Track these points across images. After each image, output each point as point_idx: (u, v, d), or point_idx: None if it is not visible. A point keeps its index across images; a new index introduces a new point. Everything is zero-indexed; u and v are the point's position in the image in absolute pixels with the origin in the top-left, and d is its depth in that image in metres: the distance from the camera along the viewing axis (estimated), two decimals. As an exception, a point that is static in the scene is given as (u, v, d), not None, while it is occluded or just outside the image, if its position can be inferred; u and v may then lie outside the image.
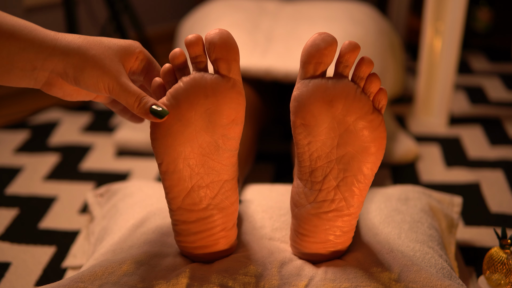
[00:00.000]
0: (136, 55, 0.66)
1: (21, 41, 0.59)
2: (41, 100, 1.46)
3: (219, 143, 0.65)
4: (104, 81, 0.62)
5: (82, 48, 0.61)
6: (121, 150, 1.22)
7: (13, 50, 0.59)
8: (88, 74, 0.61)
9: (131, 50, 0.65)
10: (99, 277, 0.67)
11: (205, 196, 0.67)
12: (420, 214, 0.81)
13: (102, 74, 0.61)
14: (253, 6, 1.30)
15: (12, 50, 0.59)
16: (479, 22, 1.75)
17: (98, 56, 0.62)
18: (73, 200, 1.05)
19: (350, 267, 0.69)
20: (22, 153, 1.22)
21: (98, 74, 0.61)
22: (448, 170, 1.13)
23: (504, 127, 1.29)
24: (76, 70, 0.61)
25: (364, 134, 0.65)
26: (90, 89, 0.62)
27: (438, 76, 1.27)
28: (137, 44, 0.66)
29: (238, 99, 0.64)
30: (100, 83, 0.62)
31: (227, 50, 0.62)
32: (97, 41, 0.63)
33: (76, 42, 0.61)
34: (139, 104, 0.63)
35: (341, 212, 0.67)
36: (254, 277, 0.68)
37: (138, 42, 0.66)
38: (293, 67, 1.07)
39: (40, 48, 0.60)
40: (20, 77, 0.61)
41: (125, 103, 0.63)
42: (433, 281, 0.67)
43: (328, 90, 0.64)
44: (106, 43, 0.63)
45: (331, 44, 0.63)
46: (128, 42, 0.65)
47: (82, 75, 0.61)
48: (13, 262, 0.88)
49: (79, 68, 0.61)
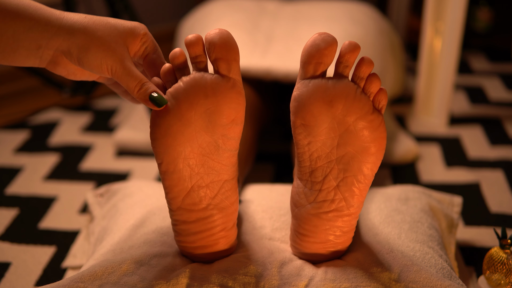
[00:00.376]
0: (141, 37, 0.65)
1: (26, 20, 0.59)
2: (41, 100, 1.46)
3: (219, 143, 0.65)
4: (108, 63, 0.62)
5: (87, 28, 0.61)
6: (121, 150, 1.22)
7: (18, 30, 0.59)
8: (92, 56, 0.61)
9: (137, 32, 0.64)
10: (99, 277, 0.67)
11: (205, 196, 0.67)
12: (420, 214, 0.81)
13: (106, 56, 0.61)
14: (253, 6, 1.30)
15: (17, 29, 0.59)
16: (479, 22, 1.75)
17: (103, 38, 0.61)
18: (73, 200, 1.05)
19: (350, 267, 0.69)
20: (22, 153, 1.22)
21: (102, 56, 0.61)
22: (448, 170, 1.13)
23: (504, 127, 1.29)
24: (81, 50, 0.61)
25: (364, 134, 0.65)
26: (93, 70, 0.62)
27: (438, 76, 1.27)
28: (143, 27, 0.65)
29: (238, 99, 0.64)
30: (103, 65, 0.62)
31: (227, 50, 0.62)
32: (103, 22, 0.62)
33: (81, 22, 0.61)
34: (139, 89, 0.63)
35: (341, 212, 0.67)
36: (254, 277, 0.68)
37: (144, 25, 0.66)
38: (293, 67, 1.07)
39: (46, 27, 0.60)
40: (25, 56, 0.61)
41: (126, 86, 0.63)
42: (433, 281, 0.67)
43: (328, 90, 0.64)
44: (112, 23, 0.63)
45: (331, 44, 0.63)
46: (134, 24, 0.65)
47: (86, 56, 0.61)
48: (13, 262, 0.88)
49: (84, 48, 0.61)
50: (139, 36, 0.65)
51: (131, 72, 0.62)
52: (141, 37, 0.65)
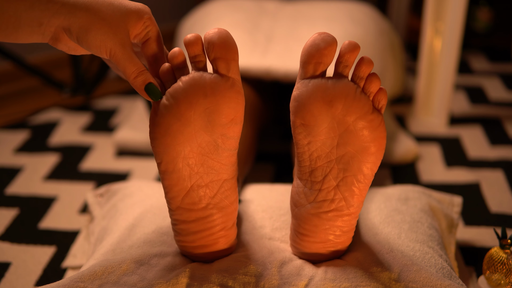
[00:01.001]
0: (144, 21, 0.64)
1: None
2: (41, 100, 1.46)
3: (219, 142, 0.65)
4: (107, 46, 0.61)
5: (90, 8, 0.61)
6: (121, 150, 1.22)
7: (20, 8, 0.59)
8: (92, 37, 0.61)
9: (140, 15, 0.63)
10: (99, 277, 0.68)
11: (204, 196, 0.67)
12: (420, 214, 0.81)
13: (106, 39, 0.61)
14: (253, 6, 1.30)
15: (19, 7, 0.59)
16: (479, 22, 1.75)
17: (105, 19, 0.61)
18: (73, 200, 1.05)
19: (350, 267, 0.69)
20: (22, 153, 1.22)
21: (102, 38, 0.61)
22: (448, 170, 1.13)
23: (504, 127, 1.29)
24: (81, 30, 0.60)
25: (364, 134, 0.65)
26: (92, 50, 0.62)
27: (438, 76, 1.27)
28: (147, 10, 0.64)
29: (237, 99, 0.64)
30: (102, 47, 0.61)
31: (226, 49, 0.62)
32: (106, 1, 0.62)
33: (84, 0, 0.61)
34: (136, 76, 0.63)
35: (341, 212, 0.67)
36: (254, 276, 0.68)
37: (148, 8, 0.65)
38: (293, 67, 1.07)
39: (47, 5, 0.59)
40: (28, 34, 0.61)
41: (123, 70, 0.63)
42: (433, 281, 0.67)
43: (328, 90, 0.64)
44: (116, 4, 0.62)
45: (331, 44, 0.63)
46: (138, 7, 0.64)
47: (86, 36, 0.61)
48: (13, 262, 0.88)
49: (84, 29, 0.60)
50: (142, 19, 0.64)
51: (131, 57, 0.62)
52: (144, 20, 0.64)
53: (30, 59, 1.49)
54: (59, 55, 1.56)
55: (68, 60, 1.49)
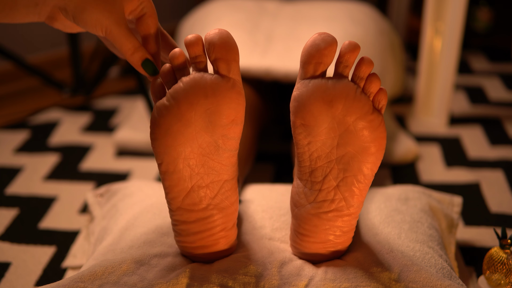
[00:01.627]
0: None
1: None
2: (41, 100, 1.46)
3: (219, 143, 0.65)
4: (103, 24, 0.62)
5: None
6: (121, 150, 1.22)
7: None
8: (88, 16, 0.61)
9: None
10: (99, 277, 0.68)
11: (205, 196, 0.67)
12: (420, 214, 0.81)
13: (102, 18, 0.61)
14: (253, 6, 1.30)
15: None
16: (479, 22, 1.75)
17: None
18: (73, 200, 1.05)
19: (350, 267, 0.69)
20: (22, 153, 1.22)
21: (98, 17, 0.61)
22: (448, 170, 1.13)
23: (504, 127, 1.29)
24: (77, 9, 0.61)
25: (364, 134, 0.65)
26: (88, 29, 0.62)
27: (438, 76, 1.27)
28: None
29: (238, 99, 0.64)
30: (98, 26, 0.62)
31: (227, 50, 0.62)
32: None
33: None
34: (133, 52, 0.63)
35: (341, 212, 0.67)
36: (254, 277, 0.68)
37: None
38: (293, 67, 1.07)
39: None
40: (24, 14, 0.61)
41: (120, 47, 0.63)
42: (433, 281, 0.67)
43: (328, 90, 0.64)
44: None
45: (331, 44, 0.63)
46: None
47: (81, 15, 0.61)
48: (13, 262, 0.88)
49: (80, 7, 0.61)
50: None
51: (127, 34, 0.63)
52: None
53: (30, 59, 1.49)
54: (59, 55, 1.56)
55: (68, 60, 1.49)
